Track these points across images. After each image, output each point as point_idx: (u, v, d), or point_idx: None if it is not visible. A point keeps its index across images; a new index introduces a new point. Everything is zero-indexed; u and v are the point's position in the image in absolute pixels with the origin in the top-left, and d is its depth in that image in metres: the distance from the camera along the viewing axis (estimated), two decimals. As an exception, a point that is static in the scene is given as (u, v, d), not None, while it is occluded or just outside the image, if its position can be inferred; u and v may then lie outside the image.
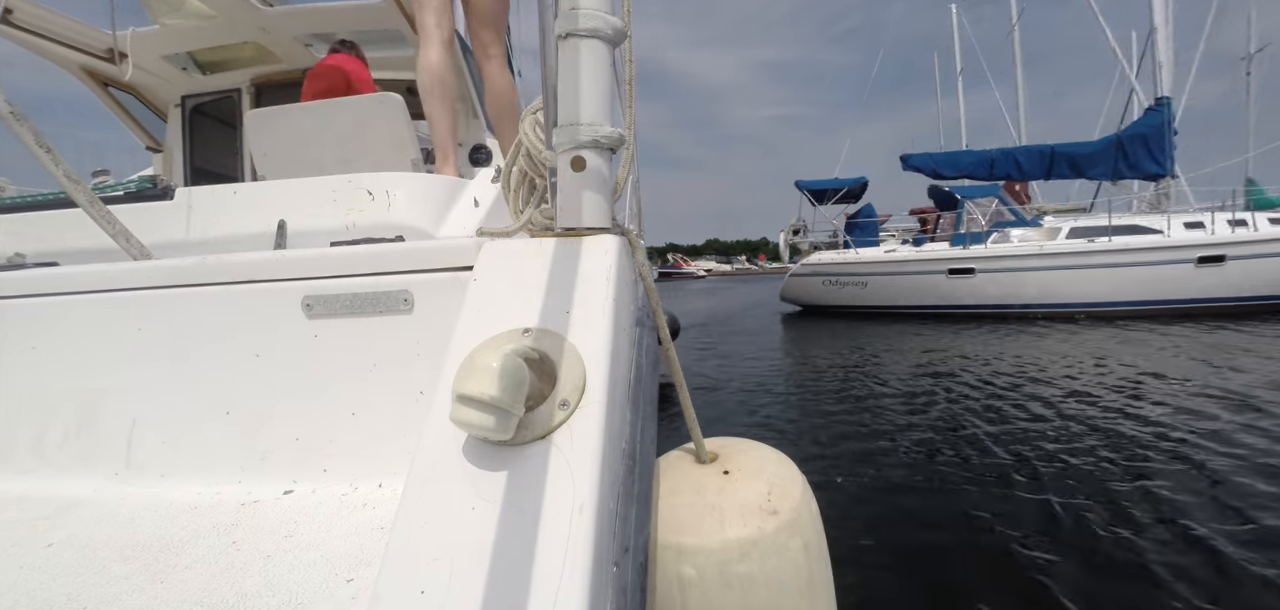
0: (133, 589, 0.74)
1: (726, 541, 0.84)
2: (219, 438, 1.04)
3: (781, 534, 0.85)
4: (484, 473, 0.59)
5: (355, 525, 0.87)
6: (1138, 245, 10.33)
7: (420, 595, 0.51)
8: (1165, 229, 10.37)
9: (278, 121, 2.35)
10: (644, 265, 1.04)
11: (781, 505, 0.89)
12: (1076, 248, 10.58)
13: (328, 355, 1.02)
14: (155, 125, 3.81)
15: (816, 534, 0.92)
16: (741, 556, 0.83)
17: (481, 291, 0.77)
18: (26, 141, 1.16)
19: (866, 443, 4.11)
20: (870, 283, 12.39)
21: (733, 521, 0.87)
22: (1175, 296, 10.10)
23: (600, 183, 0.82)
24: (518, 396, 0.57)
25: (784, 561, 0.84)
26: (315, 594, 0.71)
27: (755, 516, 0.87)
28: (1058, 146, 12.21)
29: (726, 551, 0.83)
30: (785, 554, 0.85)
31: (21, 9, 2.82)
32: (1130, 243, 10.38)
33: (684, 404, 1.10)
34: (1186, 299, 10.05)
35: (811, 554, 0.88)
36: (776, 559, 0.84)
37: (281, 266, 1.03)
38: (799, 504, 0.90)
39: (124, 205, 1.63)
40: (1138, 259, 10.23)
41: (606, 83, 0.81)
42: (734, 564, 0.83)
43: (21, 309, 1.12)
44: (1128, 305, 10.34)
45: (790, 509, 0.88)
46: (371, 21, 3.28)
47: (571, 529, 0.53)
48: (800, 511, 0.89)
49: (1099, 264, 10.46)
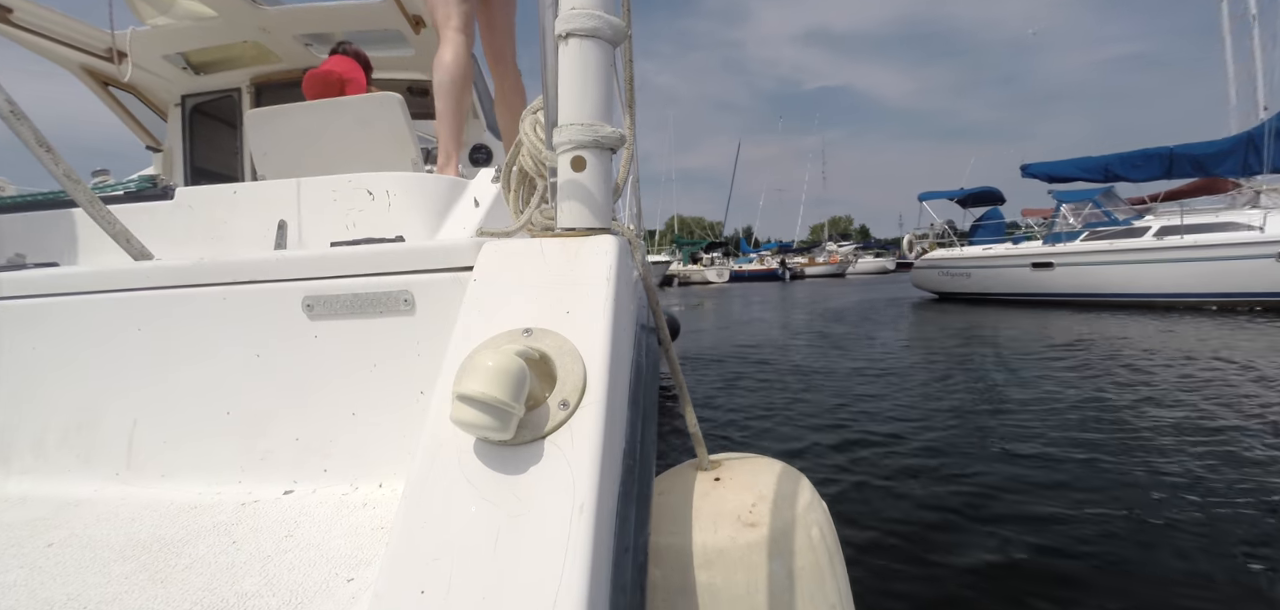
0: (133, 589, 0.74)
1: (692, 546, 0.79)
2: (219, 438, 1.04)
3: (755, 551, 0.80)
4: (484, 472, 0.59)
5: (355, 525, 0.87)
6: (1207, 241, 10.83)
7: (420, 595, 0.51)
8: (1262, 225, 10.56)
9: (278, 121, 2.35)
10: (644, 265, 1.04)
11: (764, 520, 0.82)
12: (1135, 246, 11.78)
13: (328, 355, 1.02)
14: (155, 125, 3.81)
15: (813, 563, 0.85)
16: (705, 563, 0.79)
17: (482, 291, 0.77)
18: (26, 141, 1.16)
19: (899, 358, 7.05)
20: (972, 274, 14.85)
21: (704, 526, 0.81)
22: (1252, 289, 10.37)
23: (600, 183, 0.82)
24: (518, 396, 0.57)
25: (753, 579, 0.79)
26: (315, 594, 0.71)
27: (728, 525, 0.81)
28: (1176, 147, 12.90)
29: (689, 556, 0.79)
30: (755, 571, 0.79)
31: (21, 9, 2.82)
32: (1203, 240, 10.87)
33: (684, 407, 1.10)
34: (1267, 292, 10.28)
35: (799, 581, 0.82)
36: (745, 575, 0.79)
37: (282, 267, 1.03)
38: (789, 524, 0.84)
39: (124, 205, 1.63)
40: (1210, 254, 10.71)
41: (606, 83, 0.81)
42: (697, 570, 0.78)
43: (21, 309, 1.12)
44: (1197, 297, 10.91)
45: (776, 527, 0.82)
46: (371, 21, 3.28)
47: (571, 529, 0.53)
48: (790, 532, 0.83)
49: (1160, 259, 11.35)
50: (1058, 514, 2.67)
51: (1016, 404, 4.59)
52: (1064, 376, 5.51)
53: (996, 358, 6.66)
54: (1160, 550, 2.36)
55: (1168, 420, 3.98)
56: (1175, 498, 2.78)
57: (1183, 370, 5.51)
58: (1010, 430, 3.92)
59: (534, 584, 0.50)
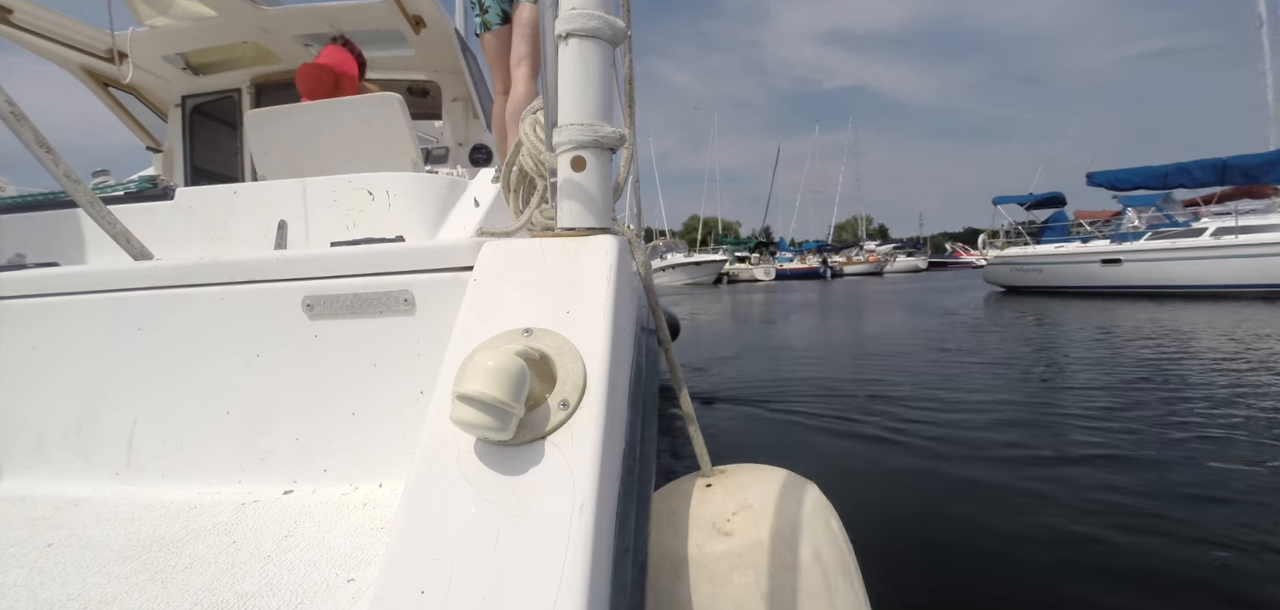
0: (133, 589, 0.74)
1: (659, 553, 0.74)
2: (219, 438, 1.04)
3: (724, 562, 0.75)
4: (484, 472, 0.59)
5: (355, 525, 0.87)
6: (1259, 241, 12.62)
7: (420, 595, 0.51)
8: None
9: (278, 121, 2.35)
10: (644, 265, 1.04)
11: (742, 531, 0.77)
12: (1197, 244, 13.59)
13: (328, 355, 1.02)
14: (155, 125, 3.81)
15: (803, 586, 0.78)
16: (672, 572, 0.74)
17: (482, 291, 0.77)
18: (26, 141, 1.16)
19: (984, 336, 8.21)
20: (1044, 269, 16.49)
21: (675, 532, 0.76)
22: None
23: (600, 183, 0.82)
24: (518, 396, 0.57)
25: (721, 592, 0.74)
26: (315, 594, 0.71)
27: (701, 532, 0.75)
28: (1230, 158, 14.63)
29: (666, 562, 0.74)
30: (723, 585, 0.74)
31: (21, 9, 2.82)
32: (1256, 239, 12.65)
33: (684, 407, 1.10)
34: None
35: (778, 604, 0.75)
36: (711, 587, 0.74)
37: (282, 266, 1.03)
38: (772, 539, 0.78)
39: (124, 205, 1.63)
40: (1264, 251, 12.54)
41: (606, 83, 0.81)
42: (662, 578, 0.74)
43: (21, 309, 1.12)
44: (1251, 287, 12.65)
45: (752, 540, 0.76)
46: (372, 21, 3.28)
47: (571, 529, 0.53)
48: (772, 548, 0.77)
49: (1219, 256, 13.16)
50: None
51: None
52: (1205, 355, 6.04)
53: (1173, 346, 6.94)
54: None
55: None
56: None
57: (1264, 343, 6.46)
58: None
59: (534, 584, 0.50)
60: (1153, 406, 4.05)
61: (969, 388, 4.88)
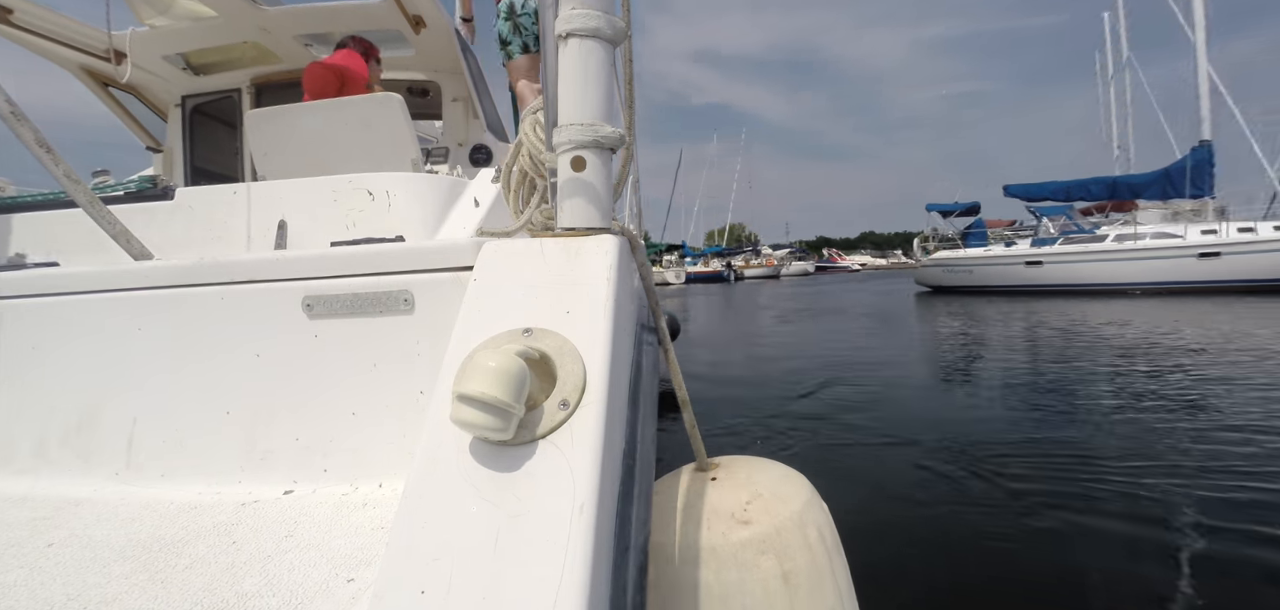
0: (133, 589, 0.74)
1: (685, 543, 0.78)
2: (219, 438, 1.04)
3: (748, 549, 0.78)
4: (484, 472, 0.59)
5: (355, 525, 0.87)
6: (1152, 245, 15.24)
7: (420, 595, 0.51)
8: (1184, 233, 15.15)
9: (278, 122, 2.35)
10: (644, 265, 1.04)
11: (759, 519, 0.81)
12: (1106, 248, 15.96)
13: (328, 355, 1.02)
14: (155, 125, 3.81)
15: (810, 562, 0.84)
16: (696, 562, 0.77)
17: (482, 291, 0.77)
18: (26, 141, 1.16)
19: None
20: (974, 270, 18.76)
21: (693, 523, 0.80)
22: (1181, 279, 14.94)
23: (600, 183, 0.83)
24: (518, 396, 0.57)
25: (748, 578, 0.78)
26: (315, 594, 0.71)
27: (721, 522, 0.80)
28: (1119, 176, 18.31)
29: (681, 553, 0.77)
30: (750, 570, 0.78)
31: (21, 9, 2.82)
32: (1150, 244, 15.26)
33: (684, 408, 1.10)
34: (1191, 281, 14.77)
35: (795, 585, 0.81)
36: (737, 573, 0.78)
37: (282, 266, 1.03)
38: (785, 524, 0.83)
39: (124, 205, 1.63)
40: (1155, 254, 15.11)
41: (606, 83, 0.81)
42: (688, 568, 0.77)
43: (21, 309, 1.12)
44: (1145, 285, 14.98)
45: (770, 527, 0.81)
46: (372, 21, 3.28)
47: (571, 529, 0.53)
48: (786, 533, 0.82)
49: (1121, 258, 15.57)
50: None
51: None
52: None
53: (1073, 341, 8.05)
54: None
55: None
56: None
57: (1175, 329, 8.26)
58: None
59: (534, 584, 0.50)
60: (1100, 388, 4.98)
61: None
